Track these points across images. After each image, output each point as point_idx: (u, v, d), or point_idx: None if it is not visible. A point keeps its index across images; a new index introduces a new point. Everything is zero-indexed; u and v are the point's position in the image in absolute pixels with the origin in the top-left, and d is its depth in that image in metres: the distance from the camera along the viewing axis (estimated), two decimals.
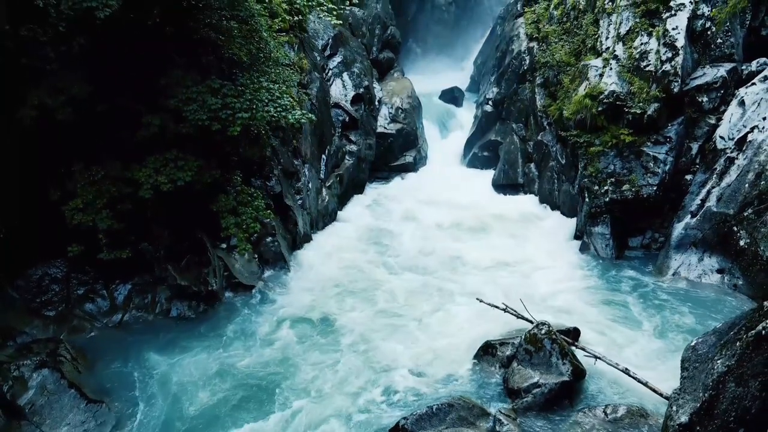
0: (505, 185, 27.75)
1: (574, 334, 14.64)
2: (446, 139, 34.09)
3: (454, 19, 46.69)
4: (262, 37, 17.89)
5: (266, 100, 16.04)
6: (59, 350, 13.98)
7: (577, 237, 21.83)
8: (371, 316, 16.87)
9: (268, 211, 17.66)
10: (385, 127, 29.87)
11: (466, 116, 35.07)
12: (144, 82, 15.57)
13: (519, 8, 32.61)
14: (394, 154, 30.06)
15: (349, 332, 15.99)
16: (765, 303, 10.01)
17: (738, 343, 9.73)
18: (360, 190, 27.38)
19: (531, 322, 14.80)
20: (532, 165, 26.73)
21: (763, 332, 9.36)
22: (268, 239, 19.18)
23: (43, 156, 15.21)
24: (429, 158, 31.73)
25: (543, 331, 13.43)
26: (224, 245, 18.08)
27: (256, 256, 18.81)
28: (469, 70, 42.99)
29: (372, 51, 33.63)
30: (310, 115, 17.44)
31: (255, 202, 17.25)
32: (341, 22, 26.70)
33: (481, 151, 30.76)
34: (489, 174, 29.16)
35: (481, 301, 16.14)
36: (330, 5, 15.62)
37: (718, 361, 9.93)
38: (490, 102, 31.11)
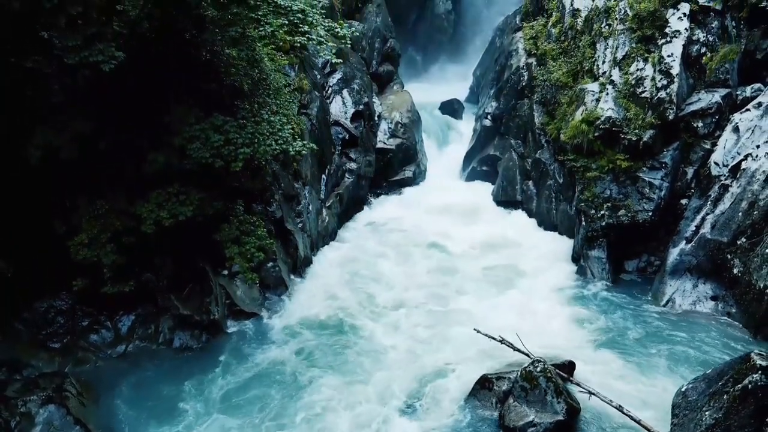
0: (503, 202, 28.01)
1: (569, 368, 14.91)
2: (445, 151, 34.27)
3: (454, 27, 46.91)
4: (263, 68, 18.17)
5: (267, 133, 16.33)
6: (65, 385, 14.29)
7: (574, 259, 22.09)
8: (363, 351, 16.98)
9: (271, 241, 17.92)
10: (384, 143, 30.05)
11: (465, 128, 35.24)
12: (148, 118, 15.85)
13: (518, 22, 32.81)
14: (394, 169, 30.24)
15: (340, 371, 16.06)
16: (752, 355, 10.33)
17: (726, 396, 10.05)
18: (360, 207, 27.59)
19: (527, 355, 15.08)
20: (531, 182, 26.96)
21: (750, 386, 9.69)
22: (269, 264, 19.37)
23: (49, 190, 15.50)
24: (428, 172, 31.91)
25: (538, 369, 13.72)
26: (226, 272, 18.30)
27: (257, 281, 19.02)
28: (468, 80, 43.16)
29: (372, 64, 33.78)
30: (311, 145, 17.74)
31: (258, 231, 17.54)
32: (341, 60, 26.93)
33: (480, 166, 31.02)
34: (488, 189, 29.38)
35: (478, 331, 16.40)
36: (331, 43, 15.82)
37: (707, 413, 10.26)
38: (489, 116, 31.29)
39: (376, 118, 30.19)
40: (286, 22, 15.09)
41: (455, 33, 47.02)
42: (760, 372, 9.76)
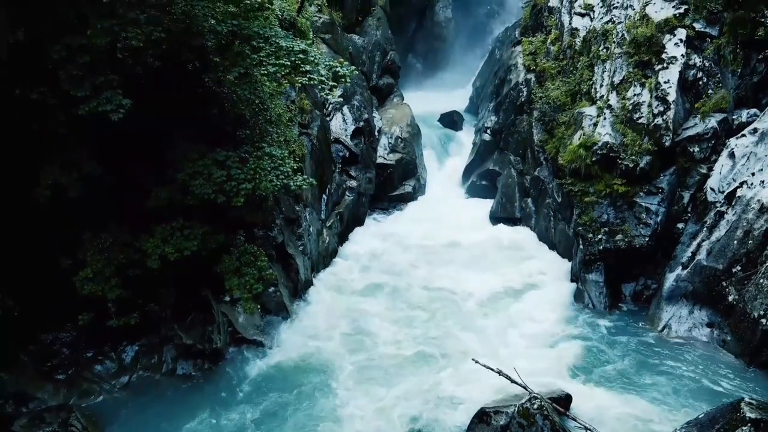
0: (502, 218, 28.23)
1: (565, 401, 15.17)
2: (445, 164, 34.53)
3: (454, 35, 47.07)
4: (264, 97, 18.38)
5: (269, 168, 16.48)
6: (70, 420, 14.54)
7: (572, 281, 22.33)
8: (359, 383, 17.15)
9: (271, 271, 18.08)
10: (384, 158, 30.27)
11: (465, 140, 35.52)
12: (152, 153, 16.06)
13: (517, 35, 33.05)
14: (394, 184, 30.45)
15: (333, 409, 16.19)
16: (742, 404, 10.58)
17: None
18: (360, 223, 27.83)
19: (524, 387, 15.32)
20: (530, 200, 27.21)
21: None
22: (271, 289, 19.55)
23: (54, 225, 15.72)
24: (428, 185, 32.20)
25: (535, 406, 13.98)
26: (228, 298, 18.52)
27: (259, 306, 19.18)
28: (468, 89, 43.39)
29: (372, 78, 34.00)
30: (311, 180, 17.93)
31: (258, 262, 17.61)
32: (342, 99, 27.14)
33: (479, 180, 31.27)
34: (487, 204, 29.59)
35: (476, 361, 16.62)
36: (331, 83, 16.01)
37: None
38: (488, 131, 31.55)
39: (376, 133, 30.39)
40: (288, 63, 15.26)
41: (455, 41, 47.19)
42: (749, 425, 10.01)
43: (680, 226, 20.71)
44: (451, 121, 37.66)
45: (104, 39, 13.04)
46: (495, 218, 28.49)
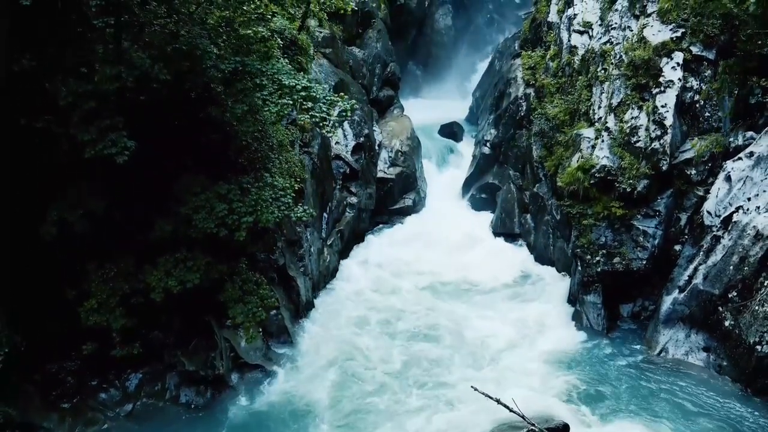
0: (501, 233, 28.46)
1: (563, 431, 15.38)
2: (446, 174, 34.83)
3: (453, 42, 47.31)
4: (266, 128, 18.57)
5: (270, 199, 16.67)
6: None
7: (570, 301, 22.56)
8: (352, 422, 17.21)
9: (274, 299, 18.26)
10: (385, 172, 30.44)
11: (465, 151, 35.78)
12: (155, 185, 16.25)
13: (516, 48, 33.25)
14: (394, 197, 30.67)
15: None
16: None
17: None
18: (360, 239, 28.05)
19: (522, 417, 15.49)
20: (529, 216, 27.43)
21: None
22: (273, 312, 19.67)
23: (59, 258, 15.93)
24: (428, 197, 32.39)
25: None
26: (230, 322, 18.65)
27: (261, 330, 19.39)
28: (468, 93, 43.74)
29: (372, 91, 34.15)
30: (311, 210, 18.17)
31: (260, 290, 17.82)
32: (337, 141, 27.36)
33: (479, 193, 31.53)
34: (486, 218, 29.91)
35: (475, 389, 16.73)
36: (333, 118, 16.18)
37: None
38: (487, 144, 31.78)
39: (376, 148, 30.56)
40: (290, 102, 15.47)
41: (455, 48, 47.41)
42: None
43: (677, 248, 20.95)
44: (451, 132, 37.93)
45: (111, 85, 13.25)
46: (495, 233, 28.72)
